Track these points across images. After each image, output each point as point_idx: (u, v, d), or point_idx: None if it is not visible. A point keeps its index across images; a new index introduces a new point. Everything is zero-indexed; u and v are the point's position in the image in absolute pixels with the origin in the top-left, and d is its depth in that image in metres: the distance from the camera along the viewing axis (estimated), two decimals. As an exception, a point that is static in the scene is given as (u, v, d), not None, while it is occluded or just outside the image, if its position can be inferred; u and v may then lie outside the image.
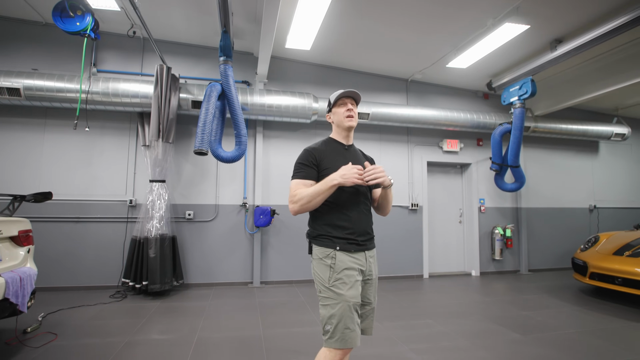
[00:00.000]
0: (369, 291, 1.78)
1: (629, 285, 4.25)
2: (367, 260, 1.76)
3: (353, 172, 1.60)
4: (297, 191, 1.69)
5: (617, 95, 6.22)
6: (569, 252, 6.86)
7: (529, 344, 3.08)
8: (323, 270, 1.69)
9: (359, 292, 1.66)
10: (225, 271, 5.21)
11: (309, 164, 1.75)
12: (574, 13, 4.07)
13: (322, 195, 1.63)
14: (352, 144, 1.93)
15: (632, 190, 7.62)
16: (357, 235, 1.73)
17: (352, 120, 1.83)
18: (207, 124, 4.09)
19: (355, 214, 1.75)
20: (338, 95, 1.84)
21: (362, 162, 1.81)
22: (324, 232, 1.73)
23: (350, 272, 1.66)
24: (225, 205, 5.30)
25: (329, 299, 1.64)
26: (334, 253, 1.68)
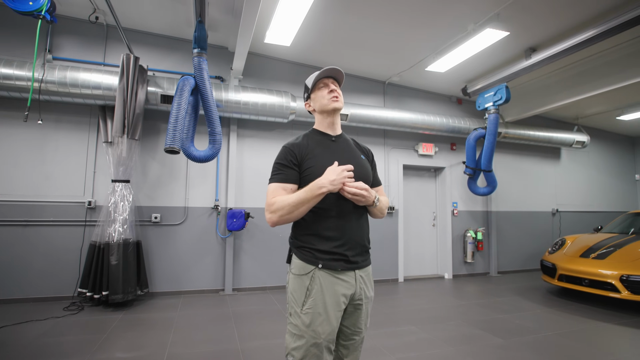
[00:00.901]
0: (359, 319, 1.46)
1: (595, 286, 4.43)
2: (358, 280, 1.44)
3: (343, 176, 1.35)
4: (275, 198, 1.39)
5: (578, 105, 6.54)
6: (534, 254, 7.14)
7: (513, 349, 3.07)
8: (298, 290, 1.40)
9: (335, 326, 1.37)
10: (195, 278, 4.88)
11: (288, 163, 1.46)
12: (550, 22, 4.18)
13: (306, 205, 1.36)
14: (341, 134, 1.63)
15: (590, 195, 8.08)
16: (347, 249, 1.42)
17: (337, 101, 1.54)
18: (180, 120, 3.78)
19: (345, 222, 1.44)
20: (317, 76, 1.55)
21: (355, 155, 1.57)
22: (306, 244, 1.43)
23: (330, 301, 1.36)
24: (196, 207, 4.97)
25: (297, 327, 1.36)
26: (314, 272, 1.38)
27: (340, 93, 1.57)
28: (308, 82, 1.61)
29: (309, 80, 1.60)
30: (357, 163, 1.52)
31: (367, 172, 1.58)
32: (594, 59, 5.10)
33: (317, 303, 1.35)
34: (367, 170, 1.59)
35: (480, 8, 3.92)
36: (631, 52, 4.74)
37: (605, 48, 4.77)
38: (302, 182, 1.45)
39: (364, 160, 1.61)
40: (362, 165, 1.56)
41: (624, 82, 4.90)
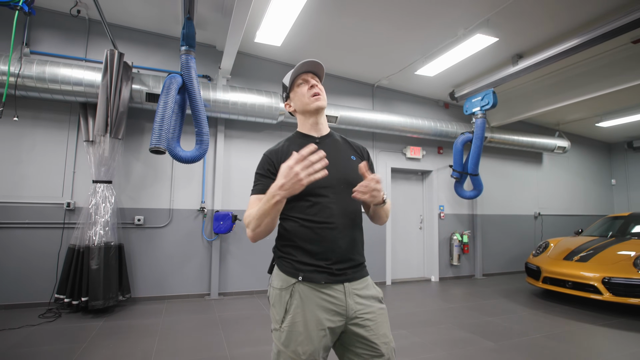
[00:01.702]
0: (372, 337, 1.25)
1: (578, 288, 4.53)
2: (349, 296, 1.26)
3: (293, 175, 1.09)
4: (249, 211, 1.26)
5: (560, 112, 6.73)
6: (517, 257, 7.28)
7: (504, 352, 3.08)
8: (277, 305, 1.27)
9: (317, 346, 1.20)
10: (179, 283, 4.72)
11: (266, 173, 1.33)
12: (538, 30, 4.27)
13: (269, 217, 1.18)
14: (329, 133, 1.46)
15: (570, 199, 8.31)
16: (333, 263, 1.26)
17: (319, 99, 1.37)
18: (166, 119, 3.66)
19: (332, 232, 1.27)
20: (295, 71, 1.39)
21: (342, 156, 1.41)
22: (286, 255, 1.31)
23: (310, 317, 1.21)
24: (181, 210, 4.82)
25: (276, 345, 1.25)
26: (294, 286, 1.25)
27: (323, 89, 1.41)
28: (285, 80, 1.46)
29: (287, 78, 1.45)
30: (345, 165, 1.38)
31: (356, 174, 1.33)
32: (576, 67, 5.24)
33: (296, 320, 1.21)
34: (355, 172, 1.33)
35: (471, 13, 3.96)
36: (610, 61, 4.89)
37: (586, 57, 4.90)
38: None
39: (354, 161, 1.41)
40: (351, 167, 1.38)
41: (604, 91, 5.06)
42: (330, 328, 1.23)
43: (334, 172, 1.30)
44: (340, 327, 1.26)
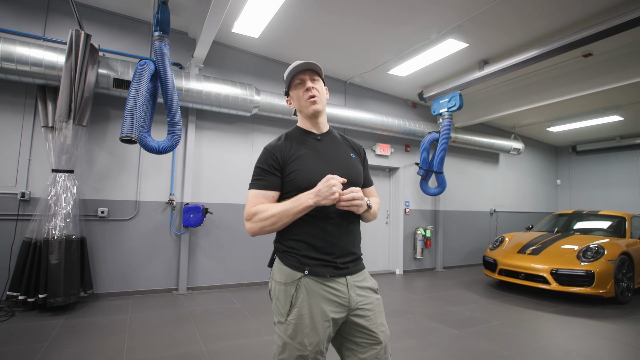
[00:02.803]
0: (370, 325, 1.32)
1: (529, 279, 4.93)
2: (351, 287, 1.32)
3: (332, 190, 1.21)
4: (256, 207, 1.29)
5: (517, 116, 7.22)
6: (474, 250, 7.76)
7: (468, 339, 3.31)
8: (282, 299, 1.30)
9: (322, 337, 1.25)
10: (146, 277, 4.55)
11: (269, 168, 1.34)
12: (504, 39, 4.55)
13: (292, 218, 1.26)
14: (329, 130, 1.50)
15: (522, 197, 8.97)
16: (337, 257, 1.32)
17: (315, 103, 1.38)
18: (138, 107, 3.48)
19: (335, 228, 1.33)
20: (290, 72, 1.39)
21: (343, 154, 1.45)
22: (291, 249, 1.33)
23: (316, 310, 1.25)
24: (148, 202, 4.64)
25: (282, 338, 1.27)
26: (299, 280, 1.28)
27: (320, 89, 1.42)
28: (285, 77, 1.44)
29: (286, 75, 1.43)
30: (346, 163, 1.42)
31: (358, 173, 1.46)
32: (534, 76, 5.64)
33: (303, 313, 1.25)
34: (357, 170, 1.46)
35: (444, 18, 4.13)
36: (563, 72, 5.33)
37: (543, 67, 5.29)
38: (285, 186, 1.35)
39: (354, 159, 1.48)
40: (353, 165, 1.45)
41: (556, 99, 5.50)
42: (333, 319, 1.29)
43: (335, 169, 1.35)
44: (342, 317, 1.31)
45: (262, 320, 3.68)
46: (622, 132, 8.13)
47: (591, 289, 4.44)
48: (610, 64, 4.80)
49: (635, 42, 4.44)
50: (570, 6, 3.83)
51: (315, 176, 1.31)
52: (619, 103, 6.41)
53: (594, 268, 4.45)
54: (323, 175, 1.28)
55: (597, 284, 4.41)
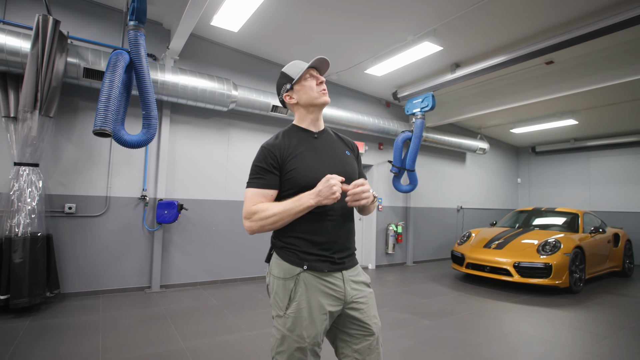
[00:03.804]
0: (364, 317, 1.38)
1: (494, 272, 5.24)
2: (347, 282, 1.37)
3: (333, 190, 1.25)
4: (256, 206, 1.32)
5: (483, 117, 7.59)
6: (442, 245, 8.10)
7: (440, 329, 3.49)
8: (280, 293, 1.33)
9: (320, 329, 1.30)
10: (117, 276, 4.40)
11: (269, 167, 1.36)
12: (475, 44, 4.77)
13: (293, 217, 1.29)
14: (325, 129, 1.53)
15: (487, 194, 9.45)
16: (334, 252, 1.36)
17: (327, 94, 1.45)
18: (112, 99, 3.35)
19: (333, 224, 1.37)
20: (310, 65, 1.43)
21: (339, 152, 1.49)
22: (289, 245, 1.36)
23: (314, 304, 1.30)
24: (119, 197, 4.47)
25: (280, 331, 1.31)
26: (298, 275, 1.32)
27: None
28: (290, 71, 1.46)
29: (292, 69, 1.46)
30: (342, 161, 1.47)
31: (353, 170, 1.51)
32: (500, 80, 5.95)
33: (302, 307, 1.29)
34: (353, 167, 1.51)
35: (421, 22, 4.28)
36: (527, 78, 5.67)
37: (509, 72, 5.59)
38: (284, 184, 1.37)
39: (349, 156, 1.52)
40: (348, 162, 1.49)
41: (520, 102, 5.84)
42: (330, 312, 1.34)
43: (332, 167, 1.40)
44: (338, 310, 1.37)
45: (240, 316, 3.68)
46: (576, 135, 8.77)
47: (549, 280, 4.80)
48: (569, 72, 5.16)
49: (591, 52, 4.81)
50: (535, 17, 4.09)
51: (314, 174, 1.35)
52: (574, 108, 6.91)
53: (551, 261, 4.81)
54: (322, 172, 1.32)
55: (554, 275, 4.77)
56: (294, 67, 1.47)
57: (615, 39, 4.40)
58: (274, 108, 5.21)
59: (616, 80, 4.70)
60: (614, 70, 4.71)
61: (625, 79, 4.63)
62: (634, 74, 4.54)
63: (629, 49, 4.55)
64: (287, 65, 1.50)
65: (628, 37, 4.33)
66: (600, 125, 7.95)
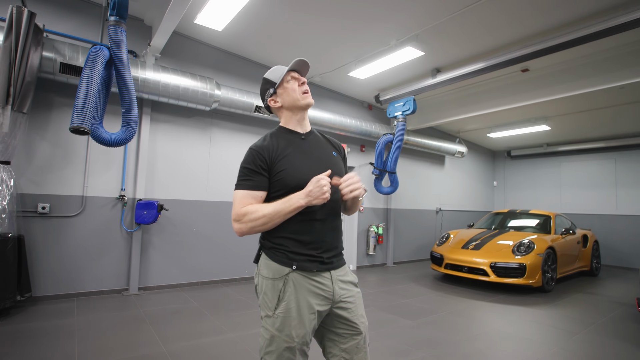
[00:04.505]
0: (351, 316, 1.40)
1: (472, 272, 5.39)
2: (335, 281, 1.39)
3: (323, 190, 1.27)
4: (246, 208, 1.32)
5: (462, 121, 7.79)
6: (422, 246, 8.26)
7: (421, 328, 3.57)
8: (269, 293, 1.34)
9: (309, 329, 1.32)
10: (92, 278, 4.26)
11: (257, 169, 1.36)
12: (455, 50, 4.91)
13: (283, 218, 1.31)
14: (312, 130, 1.56)
15: (465, 197, 9.70)
16: (323, 252, 1.37)
17: (310, 96, 1.48)
18: (91, 96, 3.25)
19: (321, 223, 1.39)
20: (290, 67, 1.47)
21: (326, 153, 1.51)
22: (278, 245, 1.37)
23: (303, 303, 1.31)
24: (96, 197, 4.34)
25: (269, 331, 1.31)
26: (287, 275, 1.33)
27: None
28: (272, 76, 1.50)
29: (273, 74, 1.50)
30: (329, 162, 1.47)
31: (341, 170, 1.51)
32: (479, 86, 6.14)
33: (291, 307, 1.30)
34: (340, 168, 1.52)
35: (404, 26, 4.36)
36: (504, 85, 5.87)
37: (487, 79, 5.78)
38: (273, 186, 1.38)
39: (336, 157, 1.55)
40: (335, 163, 1.50)
41: (497, 108, 6.04)
42: (319, 311, 1.35)
43: (320, 168, 1.40)
44: (326, 310, 1.38)
45: (222, 318, 3.64)
46: (548, 140, 9.14)
47: (523, 280, 4.98)
48: (543, 80, 5.39)
49: (565, 61, 5.03)
50: (512, 26, 4.25)
51: (303, 175, 1.36)
52: (547, 115, 7.21)
53: (526, 261, 4.99)
54: (310, 173, 1.34)
55: (528, 275, 4.96)
56: (275, 71, 1.50)
57: (588, 49, 4.62)
58: (257, 109, 5.19)
59: (587, 88, 4.94)
60: (585, 79, 4.95)
61: (596, 87, 4.87)
62: (604, 83, 4.78)
63: (600, 59, 4.79)
64: (269, 70, 1.54)
65: (599, 47, 4.56)
66: (571, 131, 8.32)
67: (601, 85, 4.82)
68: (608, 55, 4.73)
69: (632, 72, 4.56)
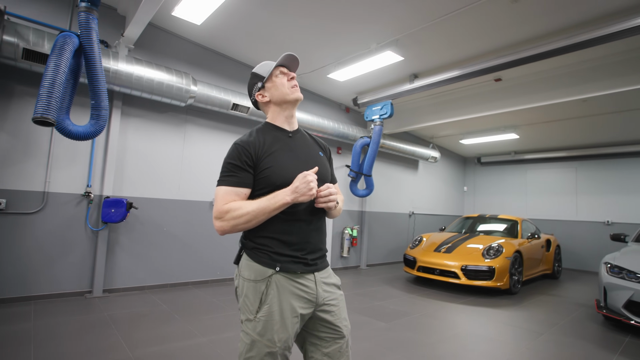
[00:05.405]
0: (334, 320, 1.37)
1: (444, 274, 5.51)
2: (319, 284, 1.36)
3: (310, 186, 1.26)
4: (228, 205, 1.26)
5: (436, 127, 8.00)
6: (394, 249, 8.37)
7: (395, 330, 3.59)
8: (251, 296, 1.28)
9: (291, 333, 1.28)
10: (52, 279, 4.00)
11: (243, 165, 1.31)
12: (433, 57, 5.03)
13: (267, 216, 1.26)
14: (298, 129, 1.52)
15: (436, 201, 9.95)
16: (307, 253, 1.34)
17: (298, 90, 1.46)
18: (57, 85, 3.04)
19: (306, 224, 1.36)
20: (279, 62, 1.44)
21: (313, 153, 1.49)
22: (261, 246, 1.32)
23: (286, 306, 1.27)
24: (59, 193, 4.08)
25: (250, 335, 1.26)
26: (270, 277, 1.28)
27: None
28: (260, 70, 1.47)
29: (262, 68, 1.47)
30: (316, 162, 1.44)
31: (327, 171, 1.51)
32: (453, 93, 6.31)
33: (273, 310, 1.26)
34: (326, 168, 1.51)
35: (385, 31, 4.41)
36: (477, 93, 6.07)
37: (461, 86, 5.95)
38: (258, 183, 1.33)
39: (322, 157, 1.52)
40: (321, 163, 1.47)
41: (470, 115, 6.24)
42: (302, 315, 1.32)
43: (307, 167, 1.37)
44: (309, 313, 1.34)
45: (193, 322, 3.51)
46: (516, 148, 9.55)
47: (492, 282, 5.14)
48: (514, 90, 5.61)
49: (535, 73, 5.26)
50: (487, 37, 4.40)
51: (289, 173, 1.33)
52: (516, 123, 7.53)
53: (495, 264, 5.16)
54: (297, 172, 1.31)
55: (496, 277, 5.13)
56: (264, 66, 1.48)
57: (555, 63, 4.85)
58: (234, 106, 5.08)
59: (554, 100, 5.19)
60: (553, 91, 5.20)
61: (561, 99, 5.13)
62: (568, 96, 5.04)
63: (569, 72, 5.04)
64: (258, 65, 1.51)
65: (565, 62, 4.80)
66: (537, 140, 8.73)
67: (566, 98, 5.08)
68: (572, 70, 4.99)
69: (593, 86, 4.84)
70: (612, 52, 4.51)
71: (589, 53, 4.50)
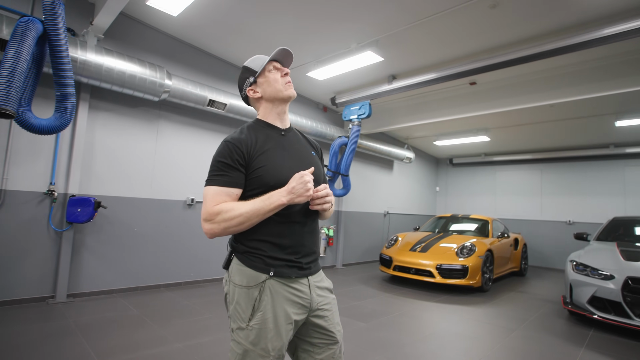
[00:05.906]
0: (328, 325, 1.33)
1: (419, 273, 5.61)
2: (312, 289, 1.31)
3: (307, 187, 1.21)
4: (219, 206, 1.19)
5: (411, 128, 8.14)
6: (370, 249, 8.44)
7: (375, 330, 3.60)
8: (243, 303, 1.22)
9: (285, 341, 1.22)
10: (10, 284, 3.70)
11: (234, 164, 1.24)
12: (411, 59, 5.09)
13: (261, 218, 1.20)
14: (291, 127, 1.46)
15: (410, 201, 10.13)
16: (302, 256, 1.29)
17: (292, 87, 1.41)
18: (17, 74, 2.81)
19: (301, 227, 1.30)
20: (272, 56, 1.39)
21: (306, 152, 1.44)
22: (254, 249, 1.25)
23: (281, 313, 1.21)
24: (18, 191, 3.79)
25: (241, 345, 1.19)
26: (264, 282, 1.22)
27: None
28: (252, 65, 1.40)
29: (254, 62, 1.40)
30: (310, 161, 1.39)
31: (320, 171, 1.45)
32: (429, 95, 6.43)
33: (267, 317, 1.19)
34: (319, 169, 1.45)
35: (366, 31, 4.41)
36: (453, 95, 6.22)
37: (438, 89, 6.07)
38: (250, 183, 1.26)
39: (315, 157, 1.47)
40: (315, 163, 1.42)
41: (444, 117, 6.38)
42: (295, 321, 1.26)
43: (301, 167, 1.32)
44: (303, 319, 1.29)
45: (166, 327, 3.36)
46: (486, 150, 9.89)
47: (465, 281, 5.28)
48: (488, 93, 5.79)
49: (508, 77, 5.43)
50: (464, 41, 4.50)
51: (283, 173, 1.27)
52: (488, 126, 7.78)
53: (468, 263, 5.30)
54: (291, 172, 1.26)
55: (469, 276, 5.27)
56: (256, 60, 1.41)
57: (530, 68, 5.03)
58: (210, 102, 4.92)
59: (524, 104, 5.40)
60: (523, 95, 5.41)
61: (531, 104, 5.34)
62: (540, 100, 5.26)
63: (540, 78, 5.25)
64: (250, 59, 1.43)
65: (541, 67, 4.98)
66: (507, 143, 9.08)
67: (536, 103, 5.30)
68: (543, 76, 5.21)
69: (561, 92, 5.07)
70: (581, 60, 4.74)
71: (560, 60, 4.70)
